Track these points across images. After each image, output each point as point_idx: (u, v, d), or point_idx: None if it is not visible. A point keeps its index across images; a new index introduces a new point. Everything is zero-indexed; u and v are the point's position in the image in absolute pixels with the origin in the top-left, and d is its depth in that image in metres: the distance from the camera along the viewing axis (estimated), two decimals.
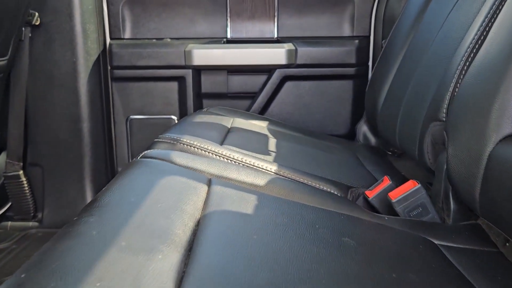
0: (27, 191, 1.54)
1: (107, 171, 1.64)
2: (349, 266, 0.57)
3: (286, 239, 0.60)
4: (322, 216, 0.72)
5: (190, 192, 0.68)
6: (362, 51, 1.59)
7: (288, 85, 1.61)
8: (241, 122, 1.31)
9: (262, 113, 1.62)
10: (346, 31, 1.63)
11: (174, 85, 1.62)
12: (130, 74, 1.59)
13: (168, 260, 0.48)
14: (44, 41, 1.46)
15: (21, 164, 1.53)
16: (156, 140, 0.95)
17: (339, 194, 0.90)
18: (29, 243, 1.43)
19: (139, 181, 0.68)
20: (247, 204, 0.69)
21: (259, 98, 1.61)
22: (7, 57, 1.35)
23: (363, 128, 1.46)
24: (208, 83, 1.63)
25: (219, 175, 0.78)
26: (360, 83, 1.62)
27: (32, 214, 1.55)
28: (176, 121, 1.63)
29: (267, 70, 1.61)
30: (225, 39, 1.64)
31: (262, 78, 1.63)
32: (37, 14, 1.42)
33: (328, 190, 0.89)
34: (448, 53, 0.94)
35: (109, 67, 1.60)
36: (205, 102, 1.66)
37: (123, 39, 1.62)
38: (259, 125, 1.35)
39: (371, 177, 1.09)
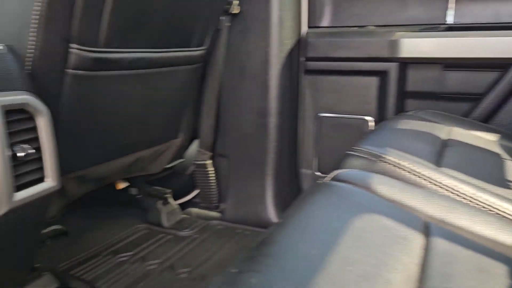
0: (213, 181, 1.54)
1: (290, 171, 1.52)
2: None
3: None
4: None
5: (398, 247, 0.45)
6: None
7: None
8: (461, 133, 1.00)
9: (487, 121, 1.24)
10: None
11: (374, 80, 1.37)
12: (324, 66, 1.41)
13: None
14: (240, 31, 1.40)
15: (210, 154, 1.53)
16: (349, 152, 0.74)
17: None
18: (209, 235, 1.42)
19: (324, 220, 0.48)
20: (493, 281, 0.42)
21: (485, 101, 1.24)
22: (205, 47, 1.33)
23: None
24: (416, 79, 1.33)
25: (440, 220, 0.53)
26: None
27: (215, 205, 1.55)
28: (372, 124, 1.39)
29: (501, 66, 1.22)
30: (444, 26, 1.31)
31: (491, 75, 1.25)
32: (237, 2, 1.37)
33: None
34: None
35: (302, 59, 1.45)
36: (409, 102, 1.36)
37: (320, 27, 1.45)
38: (486, 139, 1.00)
39: None
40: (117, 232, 1.41)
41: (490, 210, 0.59)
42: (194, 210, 1.58)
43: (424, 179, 0.64)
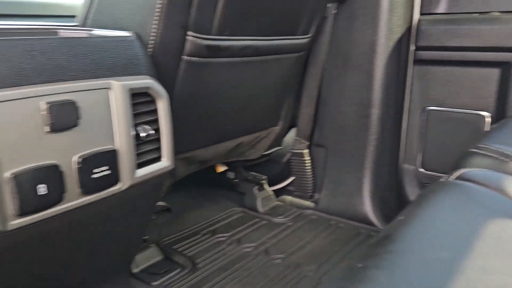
0: (309, 170, 1.53)
1: (390, 166, 1.45)
2: None
3: None
4: None
5: None
6: None
7: None
8: None
9: None
10: None
11: (494, 72, 1.25)
12: (437, 56, 1.32)
13: None
14: (347, 18, 1.36)
15: (308, 143, 1.52)
16: (473, 150, 0.68)
17: None
18: (303, 223, 1.42)
19: (453, 221, 0.45)
20: None
21: None
22: (310, 35, 1.32)
23: None
24: None
25: None
26: None
27: (309, 194, 1.54)
28: (489, 120, 1.27)
29: None
30: None
31: None
32: None
33: None
34: None
35: (412, 48, 1.37)
36: None
37: (435, 13, 1.35)
38: None
39: None
40: (215, 213, 1.47)
41: None
42: (288, 198, 1.59)
43: None
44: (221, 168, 1.55)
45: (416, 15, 1.36)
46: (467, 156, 0.66)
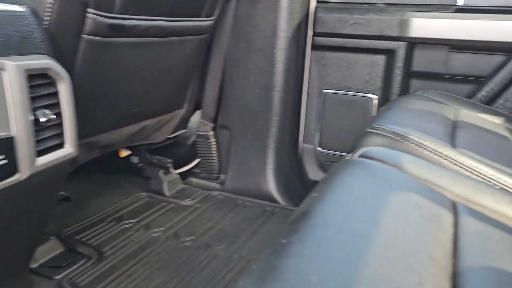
0: (214, 152, 1.55)
1: (291, 145, 1.54)
2: None
3: None
4: None
5: (432, 224, 0.47)
6: None
7: None
8: (468, 115, 1.02)
9: (489, 103, 1.28)
10: None
11: (381, 59, 1.38)
12: (333, 42, 1.41)
13: None
14: (249, 1, 1.38)
15: (212, 125, 1.54)
16: (370, 130, 0.75)
17: None
18: (210, 204, 1.44)
19: (361, 196, 0.50)
20: None
21: (488, 84, 1.26)
22: (214, 18, 1.31)
23: None
24: (423, 60, 1.34)
25: (467, 199, 0.55)
26: None
27: (216, 175, 1.56)
28: (376, 102, 1.41)
29: (507, 50, 1.24)
30: (455, 7, 1.32)
31: (496, 59, 1.27)
32: None
33: None
34: None
35: (310, 34, 1.45)
36: (414, 83, 1.38)
37: (330, 2, 1.44)
38: (492, 122, 1.03)
39: None
40: (120, 200, 1.41)
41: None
42: (194, 180, 1.59)
43: (445, 159, 0.67)
44: (124, 153, 1.49)
45: (313, 3, 1.44)
46: (365, 136, 0.74)
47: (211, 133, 1.53)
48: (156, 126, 1.38)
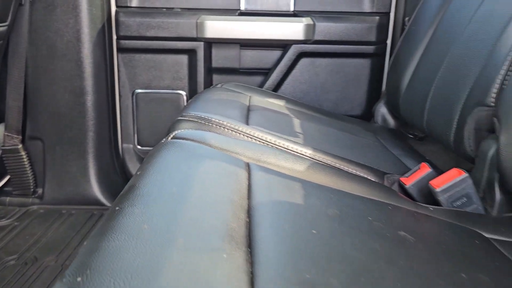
0: (27, 166, 1.47)
1: (111, 147, 1.57)
2: (416, 264, 0.52)
3: (344, 234, 0.55)
4: (371, 207, 0.67)
5: (232, 178, 0.62)
6: (382, 28, 1.51)
7: (304, 61, 1.54)
8: (258, 100, 1.25)
9: (275, 90, 1.55)
10: (366, 6, 1.55)
11: (184, 58, 1.53)
12: (138, 45, 1.50)
13: (234, 260, 0.43)
14: (45, 7, 1.35)
15: (20, 137, 1.45)
16: (180, 118, 0.88)
17: (375, 181, 0.85)
18: (31, 220, 1.37)
19: (176, 167, 0.62)
20: (293, 192, 0.64)
21: (273, 74, 1.54)
22: (7, 23, 1.25)
23: (382, 109, 1.41)
24: (220, 57, 1.54)
25: (256, 159, 0.73)
26: (378, 62, 1.56)
27: (32, 190, 1.49)
28: (185, 97, 1.55)
29: (282, 45, 1.53)
30: (238, 11, 1.55)
31: (276, 53, 1.56)
32: None
33: (365, 176, 0.84)
34: (494, 32, 0.88)
35: (115, 37, 1.50)
36: (215, 77, 1.58)
37: (130, 7, 1.51)
38: (277, 104, 1.28)
39: (399, 162, 1.05)
40: None
41: (288, 151, 0.82)
42: (8, 199, 1.48)
43: (240, 133, 0.84)
44: None
45: (113, 7, 1.49)
46: (176, 123, 0.86)
47: (20, 146, 1.45)
48: None
